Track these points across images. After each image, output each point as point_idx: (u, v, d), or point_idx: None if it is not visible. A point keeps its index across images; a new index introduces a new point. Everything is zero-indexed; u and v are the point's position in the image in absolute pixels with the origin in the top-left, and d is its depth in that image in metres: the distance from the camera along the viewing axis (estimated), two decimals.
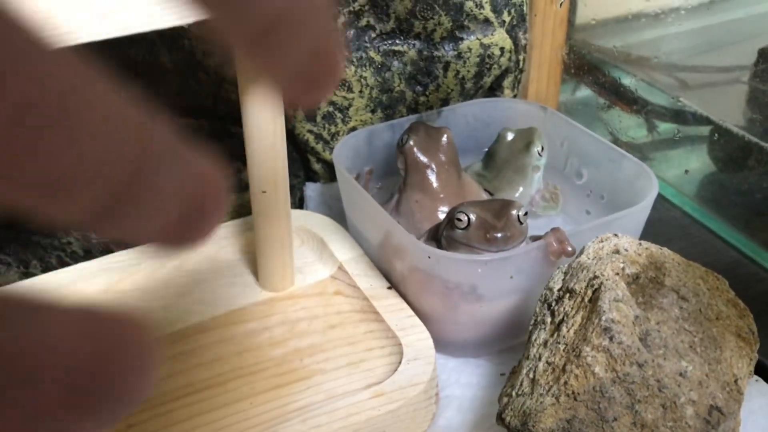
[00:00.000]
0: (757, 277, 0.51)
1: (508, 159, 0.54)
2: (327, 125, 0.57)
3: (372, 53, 0.55)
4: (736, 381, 0.36)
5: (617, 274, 0.37)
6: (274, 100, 0.42)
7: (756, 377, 0.43)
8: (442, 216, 0.49)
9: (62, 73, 0.11)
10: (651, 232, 0.53)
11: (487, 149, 0.57)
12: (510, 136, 0.55)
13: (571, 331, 0.37)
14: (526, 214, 0.43)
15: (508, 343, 0.46)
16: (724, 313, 0.38)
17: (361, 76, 0.56)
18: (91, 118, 0.11)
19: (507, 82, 0.62)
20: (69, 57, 0.11)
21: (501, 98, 0.61)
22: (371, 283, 0.48)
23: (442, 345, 0.45)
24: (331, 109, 0.56)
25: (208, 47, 0.52)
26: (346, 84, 0.56)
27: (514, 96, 0.63)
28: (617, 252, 0.39)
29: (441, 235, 0.45)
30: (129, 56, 0.51)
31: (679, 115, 0.62)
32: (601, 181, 0.52)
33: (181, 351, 0.46)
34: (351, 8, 0.53)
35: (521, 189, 0.53)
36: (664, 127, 0.63)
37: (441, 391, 0.44)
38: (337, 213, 0.54)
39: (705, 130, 0.59)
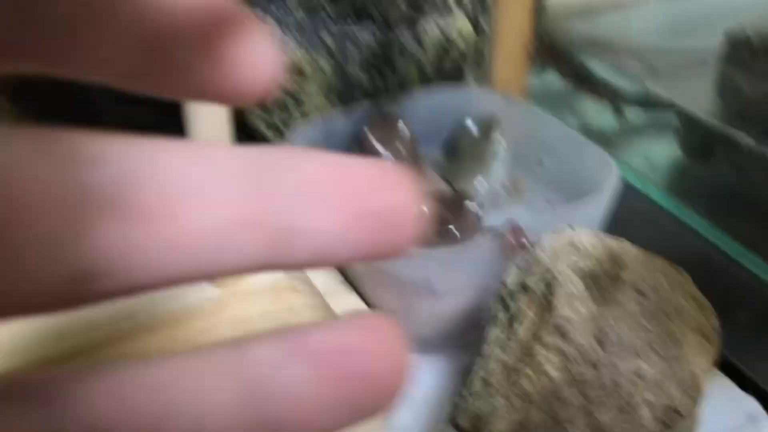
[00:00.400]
0: (725, 266, 0.50)
1: (469, 149, 0.52)
2: (279, 112, 0.55)
3: (326, 37, 0.53)
4: (694, 379, 0.35)
5: (573, 269, 0.36)
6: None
7: (718, 372, 0.41)
8: None
9: None
10: (618, 221, 0.52)
11: (447, 138, 0.55)
12: (471, 125, 0.53)
13: (525, 330, 0.35)
14: (482, 206, 0.41)
15: (466, 339, 0.44)
16: (685, 308, 0.37)
17: (314, 62, 0.53)
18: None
19: (468, 68, 0.60)
20: None
21: (461, 85, 0.59)
22: (326, 279, 0.46)
23: None
24: (283, 95, 0.54)
25: None
26: (299, 70, 0.53)
27: (477, 83, 0.61)
28: (573, 246, 0.37)
29: None
30: None
31: (646, 102, 0.60)
32: (563, 170, 0.51)
33: (126, 351, 0.44)
34: None
35: (482, 180, 0.52)
36: (632, 115, 0.62)
37: None
38: None
39: (673, 117, 0.58)
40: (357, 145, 0.50)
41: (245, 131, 0.56)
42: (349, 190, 0.12)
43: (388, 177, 0.12)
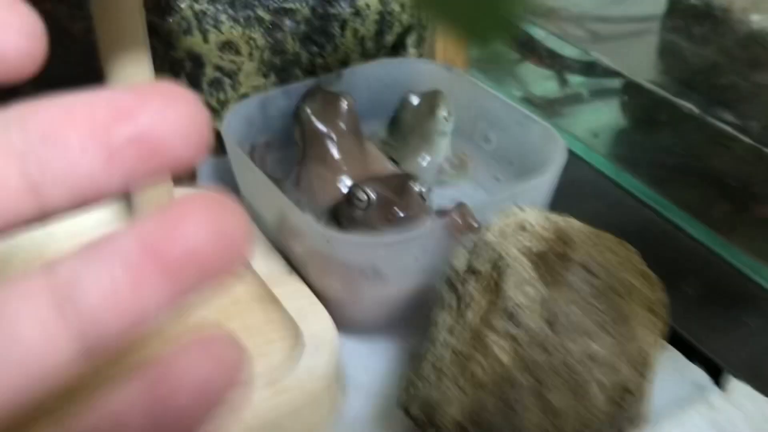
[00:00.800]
0: (672, 236, 0.50)
1: (413, 125, 0.51)
2: (214, 93, 0.52)
3: (260, 12, 0.51)
4: (644, 356, 0.35)
5: (523, 253, 0.35)
6: (143, 69, 0.38)
7: (666, 344, 0.42)
8: (345, 190, 0.46)
9: None
10: (563, 193, 0.51)
11: (392, 115, 0.53)
12: (414, 101, 0.51)
13: (474, 315, 0.34)
14: (429, 189, 0.40)
15: (415, 323, 0.44)
16: (635, 286, 0.36)
17: (249, 38, 0.51)
18: None
19: (411, 40, 0.58)
20: None
21: (404, 58, 0.58)
22: (270, 267, 0.44)
23: (348, 330, 0.42)
24: (218, 75, 0.52)
25: (73, 11, 0.47)
26: (234, 47, 0.51)
27: (420, 56, 0.59)
28: (523, 228, 0.36)
29: (341, 217, 0.41)
30: None
31: (590, 70, 0.60)
32: (510, 146, 0.50)
33: None
34: None
35: (428, 156, 0.50)
36: (576, 82, 0.61)
37: (347, 379, 0.41)
38: (231, 189, 0.50)
39: (617, 84, 0.58)
40: (296, 123, 0.48)
41: None
42: (91, 126, 0.12)
43: (140, 101, 0.12)
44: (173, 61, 0.50)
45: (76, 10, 0.46)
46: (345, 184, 0.47)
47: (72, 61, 0.48)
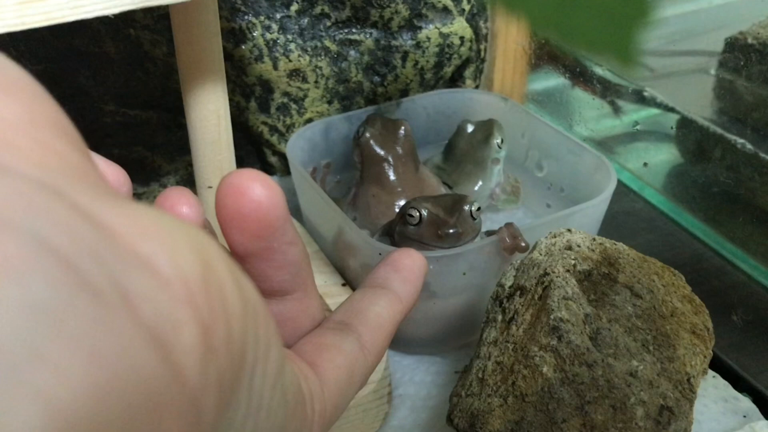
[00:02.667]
0: (721, 269, 0.51)
1: (468, 151, 0.53)
2: (282, 117, 0.55)
3: (327, 42, 0.54)
4: (688, 379, 0.35)
5: (568, 270, 0.36)
6: (219, 93, 0.41)
7: (713, 373, 0.42)
8: (398, 210, 0.48)
9: None
10: (616, 224, 0.52)
11: (446, 142, 0.56)
12: (470, 128, 0.53)
13: (521, 330, 0.36)
14: (479, 209, 0.42)
15: (464, 340, 0.45)
16: (679, 309, 0.37)
17: (316, 66, 0.54)
18: None
19: (468, 72, 0.60)
20: None
21: (461, 89, 0.60)
22: (325, 280, 0.46)
23: (395, 342, 0.44)
24: (285, 100, 0.55)
25: (155, 37, 0.51)
26: (301, 74, 0.54)
27: (476, 87, 0.61)
28: (569, 248, 0.38)
29: (394, 231, 0.43)
30: (73, 46, 0.49)
31: (645, 105, 0.61)
32: (562, 174, 0.51)
33: None
34: None
35: (481, 182, 0.52)
36: (631, 118, 0.62)
37: (394, 390, 0.43)
38: (293, 207, 0.53)
39: (672, 120, 0.58)
40: (356, 146, 0.51)
41: (247, 134, 0.57)
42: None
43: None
44: (245, 85, 0.53)
45: (158, 36, 0.50)
46: (399, 204, 0.49)
47: (152, 83, 0.52)
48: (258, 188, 0.18)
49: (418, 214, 0.41)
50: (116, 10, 0.31)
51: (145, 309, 0.11)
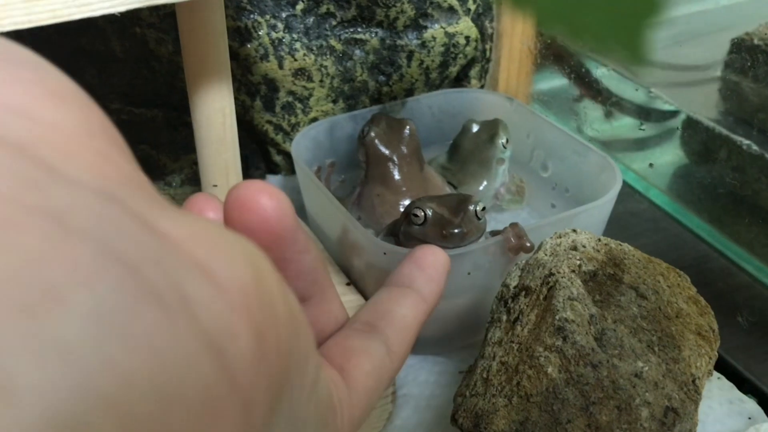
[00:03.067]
0: (727, 271, 0.50)
1: (473, 151, 0.53)
2: (287, 116, 0.55)
3: (333, 41, 0.54)
4: (693, 381, 0.35)
5: (573, 271, 0.36)
6: (224, 91, 0.41)
7: (718, 375, 0.42)
8: (403, 209, 0.48)
9: None
10: (621, 225, 0.52)
11: (451, 141, 0.56)
12: (474, 128, 0.53)
13: (525, 330, 0.36)
14: (484, 209, 0.42)
15: (468, 340, 0.45)
16: (685, 310, 0.37)
17: (321, 66, 0.54)
18: None
19: (474, 72, 0.60)
20: None
21: (466, 89, 0.60)
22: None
23: None
24: (290, 99, 0.55)
25: (160, 35, 0.51)
26: (306, 73, 0.54)
27: (481, 86, 0.61)
28: (575, 248, 0.38)
29: (399, 231, 0.43)
30: (79, 44, 0.49)
31: (650, 106, 0.61)
32: (567, 174, 0.51)
33: None
34: None
35: (485, 182, 0.52)
36: (635, 119, 0.62)
37: (398, 390, 0.43)
38: (298, 206, 0.53)
39: (677, 121, 0.58)
40: (361, 145, 0.51)
41: (252, 133, 0.57)
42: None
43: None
44: (250, 84, 0.53)
45: (164, 34, 0.50)
46: (404, 204, 0.49)
47: (158, 80, 0.52)
48: (265, 200, 0.18)
49: (422, 213, 0.41)
50: (123, 8, 0.31)
51: (203, 315, 0.12)
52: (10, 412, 0.09)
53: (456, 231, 0.40)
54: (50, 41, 0.48)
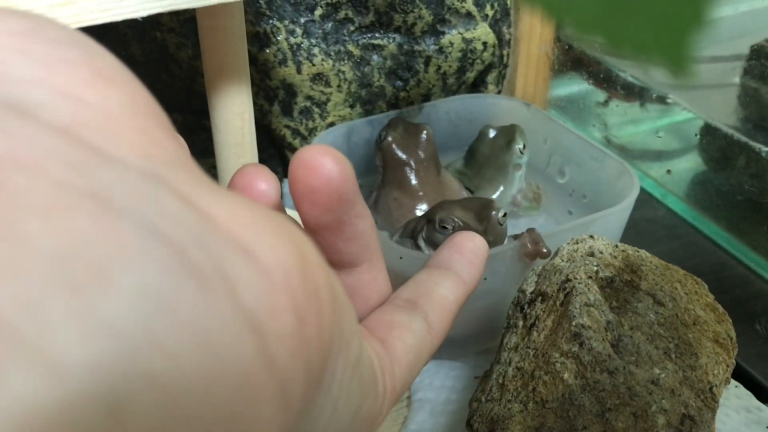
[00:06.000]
0: (745, 278, 0.50)
1: (490, 157, 0.53)
2: (304, 120, 0.56)
3: (351, 47, 0.54)
4: (711, 388, 0.35)
5: (590, 277, 0.36)
6: (243, 96, 0.41)
7: (735, 383, 0.42)
8: (420, 214, 0.48)
9: None
10: (638, 232, 0.52)
11: (468, 147, 0.56)
12: (491, 134, 0.53)
13: (542, 336, 0.36)
14: (505, 215, 0.42)
15: (484, 345, 0.45)
16: (702, 318, 0.37)
17: (339, 71, 0.54)
18: None
19: (491, 77, 0.60)
20: None
21: (483, 94, 0.60)
22: None
23: None
24: (308, 104, 0.55)
25: (180, 40, 0.51)
26: (324, 78, 0.54)
27: (498, 92, 0.61)
28: (592, 254, 0.38)
29: (418, 235, 0.43)
30: None
31: (669, 113, 0.61)
32: (584, 181, 0.51)
33: None
34: (329, 0, 0.52)
35: (502, 188, 0.52)
36: (653, 125, 0.62)
37: (413, 395, 0.43)
38: None
39: (696, 128, 0.58)
40: (378, 150, 0.51)
41: (270, 137, 0.57)
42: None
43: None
44: (268, 89, 0.54)
45: (184, 39, 0.51)
46: (420, 208, 0.49)
47: (177, 85, 0.53)
48: (329, 162, 0.18)
49: (451, 225, 0.41)
50: (145, 13, 0.31)
51: (246, 296, 0.12)
52: (58, 387, 0.09)
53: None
54: None
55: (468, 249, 0.26)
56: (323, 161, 0.18)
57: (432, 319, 0.23)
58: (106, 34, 0.50)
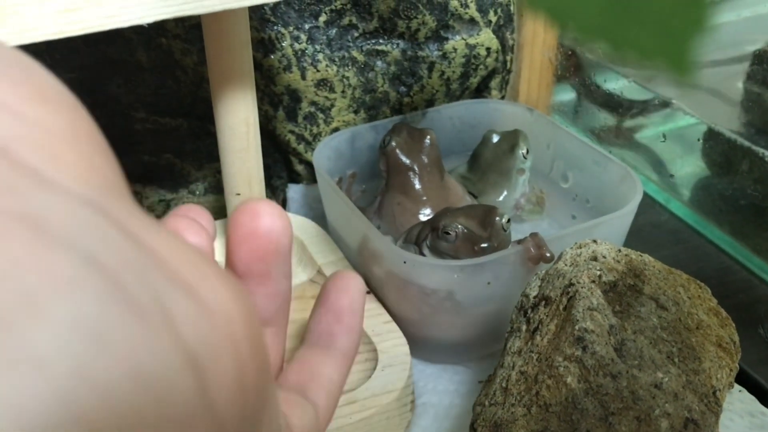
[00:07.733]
0: (748, 283, 0.50)
1: (493, 162, 0.53)
2: (309, 126, 0.56)
3: (355, 53, 0.54)
4: (714, 392, 0.35)
5: (593, 281, 0.36)
6: (248, 101, 0.42)
7: (739, 387, 0.42)
8: (423, 219, 0.48)
9: None
10: (641, 236, 0.52)
11: (472, 152, 0.56)
12: (495, 139, 0.54)
13: (545, 340, 0.36)
14: (509, 221, 0.42)
15: (488, 349, 0.45)
16: (705, 322, 0.37)
17: (343, 76, 0.55)
18: None
19: (494, 83, 0.60)
20: None
21: (487, 100, 0.60)
22: None
23: (420, 351, 0.44)
24: (312, 109, 0.55)
25: (186, 46, 0.51)
26: (328, 84, 0.55)
27: (502, 97, 0.62)
28: (595, 259, 0.38)
29: (422, 243, 0.44)
30: (106, 54, 0.50)
31: (672, 118, 0.61)
32: (587, 185, 0.51)
33: None
34: (333, 6, 0.53)
35: (506, 192, 0.52)
36: (656, 130, 0.62)
37: (417, 399, 0.43)
38: (319, 215, 0.53)
39: (699, 133, 0.58)
40: (382, 155, 0.51)
41: (275, 142, 0.57)
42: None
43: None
44: (273, 95, 0.54)
45: (189, 45, 0.51)
46: (424, 213, 0.49)
47: (182, 91, 0.53)
48: (276, 213, 0.19)
49: (455, 232, 0.41)
50: (151, 20, 0.32)
51: (186, 332, 0.11)
52: None
53: (486, 246, 0.40)
54: (78, 51, 0.49)
55: (345, 310, 0.24)
56: (270, 211, 0.18)
57: (321, 405, 0.22)
58: (113, 41, 0.50)
